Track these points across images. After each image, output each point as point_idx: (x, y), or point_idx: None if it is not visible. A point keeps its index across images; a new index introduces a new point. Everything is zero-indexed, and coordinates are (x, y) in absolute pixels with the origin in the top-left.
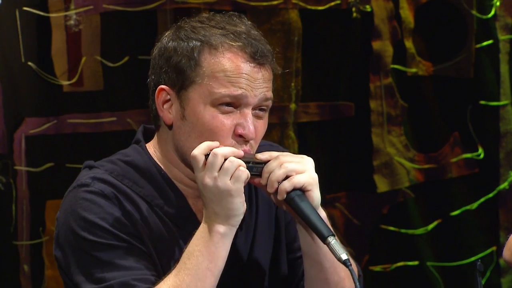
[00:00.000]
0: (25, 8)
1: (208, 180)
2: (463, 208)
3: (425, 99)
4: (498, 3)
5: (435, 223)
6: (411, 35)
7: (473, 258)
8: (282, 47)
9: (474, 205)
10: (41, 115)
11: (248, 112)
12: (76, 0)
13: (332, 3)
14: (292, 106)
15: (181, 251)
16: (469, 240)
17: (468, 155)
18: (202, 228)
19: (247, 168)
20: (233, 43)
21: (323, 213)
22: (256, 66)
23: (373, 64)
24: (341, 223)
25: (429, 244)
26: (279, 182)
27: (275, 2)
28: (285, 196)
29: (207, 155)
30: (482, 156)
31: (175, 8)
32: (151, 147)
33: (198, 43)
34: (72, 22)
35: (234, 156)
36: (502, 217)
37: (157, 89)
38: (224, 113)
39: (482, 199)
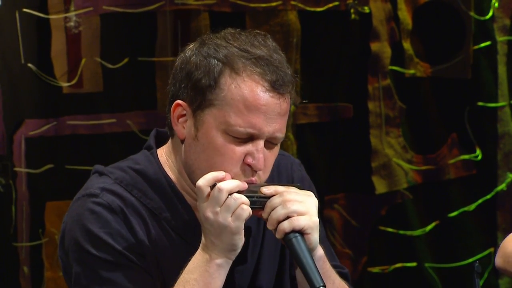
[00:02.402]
0: (25, 10)
1: (209, 214)
2: (461, 210)
3: (423, 101)
4: (496, 5)
5: (433, 224)
6: (409, 36)
7: (471, 260)
8: (280, 49)
9: (472, 207)
10: (41, 117)
11: (261, 143)
12: (76, 2)
13: (331, 5)
14: (291, 107)
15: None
16: (467, 242)
17: (466, 157)
18: (199, 256)
19: (250, 202)
20: (254, 69)
21: (320, 252)
22: (275, 96)
23: (371, 65)
24: (339, 225)
25: (427, 245)
26: (279, 222)
27: (274, 4)
28: (283, 236)
29: (212, 186)
30: (480, 157)
31: (175, 10)
32: (163, 154)
33: (220, 65)
34: (72, 23)
35: (239, 190)
36: (500, 219)
37: (174, 103)
38: (236, 141)
39: (480, 201)
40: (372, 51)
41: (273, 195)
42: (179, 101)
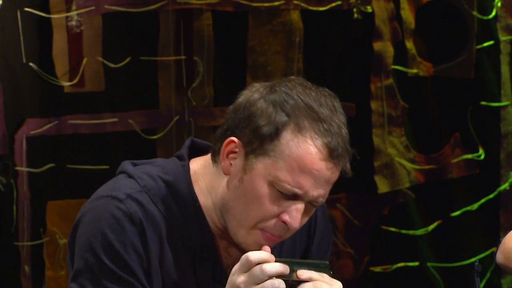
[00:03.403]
0: (26, 9)
1: (239, 282)
2: (464, 209)
3: (426, 100)
4: (499, 4)
5: (435, 224)
6: (412, 36)
7: (473, 259)
8: (283, 48)
9: (475, 206)
10: (42, 116)
11: (302, 204)
12: (77, 1)
13: (333, 4)
14: None
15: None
16: (469, 241)
17: (469, 156)
18: None
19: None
20: (318, 133)
21: None
22: (330, 166)
23: (374, 65)
24: (341, 224)
25: (430, 245)
26: None
27: (276, 3)
28: None
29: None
30: (482, 157)
31: (177, 9)
32: (196, 172)
33: (285, 118)
34: (73, 23)
35: (281, 275)
36: (502, 218)
37: (229, 139)
38: (279, 196)
39: (483, 200)
40: (375, 50)
41: (306, 281)
42: (234, 139)
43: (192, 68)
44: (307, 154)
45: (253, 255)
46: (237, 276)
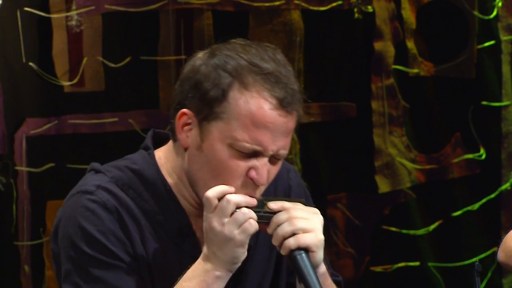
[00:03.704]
0: (26, 9)
1: (215, 224)
2: (465, 209)
3: (427, 100)
4: (500, 4)
5: (436, 223)
6: (413, 35)
7: (474, 259)
8: (284, 48)
9: (476, 206)
10: (42, 116)
11: (265, 159)
12: (77, 1)
13: (334, 4)
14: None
15: (177, 270)
16: (470, 241)
17: (470, 156)
18: (199, 266)
19: (257, 217)
20: (264, 85)
21: (323, 268)
22: (282, 114)
23: (375, 64)
24: (342, 224)
25: (431, 244)
26: (285, 238)
27: (277, 3)
28: (288, 252)
29: (220, 198)
30: (483, 156)
31: (177, 9)
32: (162, 157)
33: (229, 78)
34: (73, 22)
35: (247, 205)
36: (503, 218)
37: (180, 112)
38: (241, 156)
39: (484, 200)
40: (376, 50)
41: (280, 211)
42: (185, 110)
43: None
44: (258, 108)
45: (210, 192)
46: (207, 218)
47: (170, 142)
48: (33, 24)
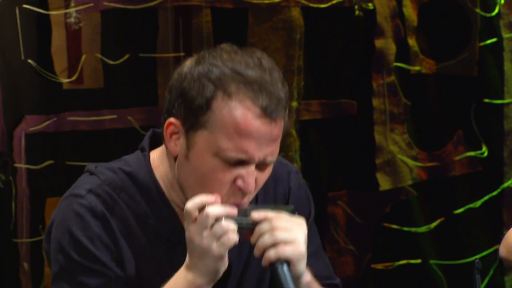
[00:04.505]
0: (25, 6)
1: (194, 236)
2: (467, 206)
3: (429, 97)
4: (502, 1)
5: (438, 221)
6: (414, 33)
7: (476, 257)
8: (284, 45)
9: (478, 204)
10: (41, 113)
11: (252, 167)
12: None
13: (335, 1)
14: (294, 104)
15: (167, 274)
16: (472, 239)
17: (472, 153)
18: (182, 274)
19: (238, 227)
20: (247, 94)
21: (307, 278)
22: (266, 122)
23: (376, 62)
24: (343, 221)
25: (432, 242)
26: (266, 249)
27: (277, 0)
28: (269, 264)
29: (201, 209)
30: (486, 154)
31: (176, 6)
32: (156, 159)
33: (213, 87)
34: (72, 19)
35: (228, 215)
36: (506, 216)
37: (168, 121)
38: (227, 165)
39: (486, 198)
40: (377, 47)
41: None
42: (172, 119)
43: None
44: (241, 117)
45: (189, 203)
46: (188, 230)
47: (166, 149)
48: (32, 21)
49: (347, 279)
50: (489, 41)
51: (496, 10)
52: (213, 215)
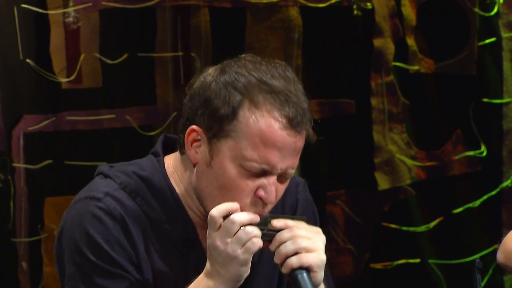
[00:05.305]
0: (23, 5)
1: (219, 243)
2: (466, 206)
3: (427, 97)
4: (501, 1)
5: (437, 220)
6: (413, 32)
7: (475, 256)
8: (282, 45)
9: (477, 203)
10: (40, 112)
11: (273, 178)
12: None
13: (333, 1)
14: None
15: (181, 279)
16: (471, 238)
17: (471, 153)
18: (202, 282)
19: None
20: (274, 104)
21: (322, 287)
22: (291, 134)
23: (374, 61)
24: (342, 221)
25: (431, 241)
26: (288, 256)
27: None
28: (290, 271)
29: (225, 217)
30: (484, 153)
31: (175, 6)
32: (170, 166)
33: (239, 96)
34: (70, 19)
35: (251, 223)
36: (504, 215)
37: (189, 128)
38: (249, 174)
39: (485, 197)
40: (375, 47)
41: (283, 229)
42: (194, 127)
43: (189, 65)
44: (267, 127)
45: (214, 211)
46: (211, 237)
47: (180, 156)
48: (30, 20)
49: (345, 278)
50: (488, 41)
51: (495, 10)
52: (239, 221)
